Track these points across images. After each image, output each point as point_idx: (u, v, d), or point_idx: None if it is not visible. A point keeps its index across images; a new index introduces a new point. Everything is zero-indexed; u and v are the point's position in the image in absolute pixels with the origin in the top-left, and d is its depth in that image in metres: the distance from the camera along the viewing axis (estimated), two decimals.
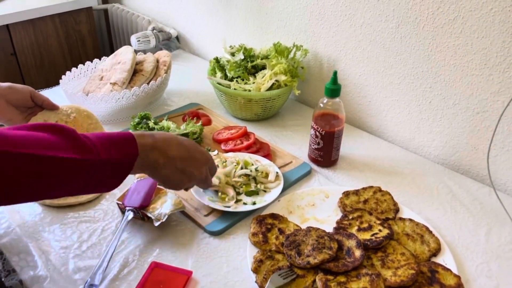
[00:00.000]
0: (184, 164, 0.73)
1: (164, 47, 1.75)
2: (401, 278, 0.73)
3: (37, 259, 0.80)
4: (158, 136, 0.70)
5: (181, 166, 0.73)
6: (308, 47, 1.26)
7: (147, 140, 0.67)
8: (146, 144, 0.67)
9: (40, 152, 0.55)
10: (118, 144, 0.63)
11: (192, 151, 0.75)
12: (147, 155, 0.67)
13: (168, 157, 0.70)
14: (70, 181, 0.59)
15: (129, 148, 0.64)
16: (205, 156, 0.78)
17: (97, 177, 0.62)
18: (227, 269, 0.79)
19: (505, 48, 0.89)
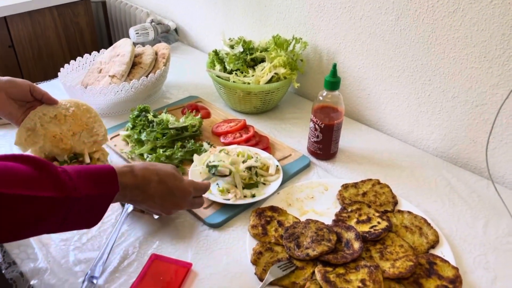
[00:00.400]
0: (162, 201, 0.73)
1: (163, 39, 1.74)
2: (400, 270, 0.74)
3: (37, 251, 0.80)
4: (139, 173, 0.70)
5: (159, 202, 0.73)
6: (307, 40, 1.26)
7: (128, 179, 0.67)
8: (127, 183, 0.67)
9: (18, 192, 0.54)
10: (98, 179, 0.63)
11: (172, 189, 0.74)
12: (125, 194, 0.67)
13: (147, 195, 0.71)
14: (48, 219, 0.58)
15: (109, 184, 0.64)
16: (184, 193, 0.76)
17: (76, 214, 0.60)
18: (227, 261, 0.79)
19: (505, 41, 0.89)
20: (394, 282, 0.74)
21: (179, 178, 0.76)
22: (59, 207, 0.58)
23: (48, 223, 0.58)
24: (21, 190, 0.54)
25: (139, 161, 1.03)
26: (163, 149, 1.02)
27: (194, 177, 0.94)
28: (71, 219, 0.60)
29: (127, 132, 1.10)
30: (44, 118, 0.97)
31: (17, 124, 0.91)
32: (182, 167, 1.00)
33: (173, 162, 0.99)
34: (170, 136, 1.05)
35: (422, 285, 0.73)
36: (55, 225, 0.59)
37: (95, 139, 1.00)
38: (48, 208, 0.57)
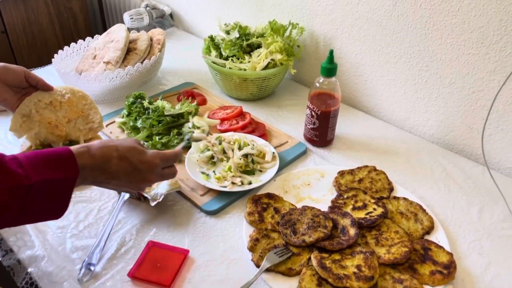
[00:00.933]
0: (128, 177, 0.69)
1: (158, 24, 1.72)
2: (395, 256, 0.75)
3: (34, 238, 0.81)
4: (97, 152, 0.65)
5: (125, 179, 0.69)
6: (304, 25, 1.24)
7: (85, 160, 0.63)
8: (85, 164, 0.63)
9: None
10: (54, 164, 0.59)
11: (136, 163, 0.69)
12: (85, 176, 0.64)
13: (110, 174, 0.67)
14: (4, 210, 0.55)
15: (67, 167, 0.60)
16: (150, 166, 0.71)
17: (33, 202, 0.57)
18: (224, 247, 0.80)
19: (502, 27, 0.88)
20: (389, 267, 0.74)
21: (141, 151, 0.70)
22: (13, 197, 0.55)
23: (6, 214, 0.56)
24: None
25: None
26: (159, 136, 1.02)
27: (191, 165, 0.94)
28: (30, 207, 0.57)
29: (122, 119, 1.09)
30: (39, 104, 0.96)
31: (12, 110, 0.90)
32: None
33: (169, 149, 0.99)
34: (166, 123, 1.05)
35: (416, 270, 0.74)
36: (14, 216, 0.56)
37: (90, 126, 1.00)
38: (1, 199, 0.54)
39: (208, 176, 0.92)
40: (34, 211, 0.58)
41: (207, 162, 0.96)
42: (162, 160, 0.73)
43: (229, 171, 0.92)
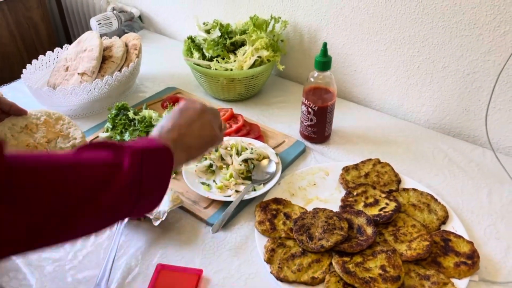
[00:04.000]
0: (201, 120, 0.67)
1: (127, 28, 1.63)
2: (417, 251, 0.72)
3: (30, 276, 0.73)
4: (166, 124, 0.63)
5: (200, 124, 0.66)
6: (286, 18, 1.20)
7: (165, 133, 0.62)
8: (168, 131, 0.62)
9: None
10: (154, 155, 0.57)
11: (193, 107, 0.67)
12: (177, 142, 0.61)
13: (188, 127, 0.64)
14: (124, 202, 0.52)
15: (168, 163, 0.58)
16: (203, 105, 0.69)
17: (147, 191, 0.54)
18: (238, 262, 0.75)
19: (495, 6, 0.87)
20: (412, 264, 0.72)
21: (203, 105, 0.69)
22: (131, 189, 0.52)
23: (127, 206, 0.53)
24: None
25: None
26: None
27: (189, 176, 0.89)
28: (143, 199, 0.54)
29: (107, 133, 1.02)
30: (14, 128, 0.89)
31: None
32: None
33: None
34: None
35: (440, 264, 0.72)
36: (130, 208, 0.53)
37: (73, 143, 0.93)
38: (123, 192, 0.51)
39: (209, 186, 0.87)
40: (145, 199, 0.55)
41: (205, 171, 0.91)
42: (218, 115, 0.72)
43: (230, 178, 0.88)
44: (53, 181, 0.46)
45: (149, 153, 0.55)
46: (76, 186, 0.48)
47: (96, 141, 0.55)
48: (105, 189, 0.49)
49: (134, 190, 0.52)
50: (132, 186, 0.52)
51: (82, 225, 0.49)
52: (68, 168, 0.48)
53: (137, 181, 0.52)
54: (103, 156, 0.52)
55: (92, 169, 0.50)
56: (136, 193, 0.53)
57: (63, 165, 0.48)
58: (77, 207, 0.47)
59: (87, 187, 0.48)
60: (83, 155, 0.51)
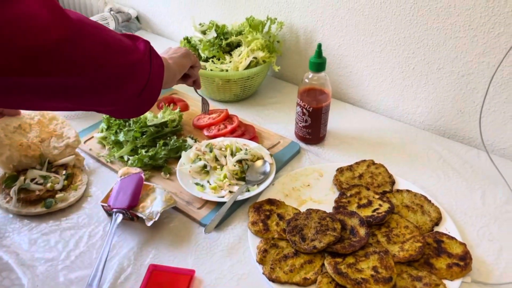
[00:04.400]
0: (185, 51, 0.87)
1: (124, 29, 1.63)
2: (410, 253, 0.72)
3: (22, 276, 0.73)
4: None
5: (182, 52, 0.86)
6: (282, 20, 1.20)
7: None
8: None
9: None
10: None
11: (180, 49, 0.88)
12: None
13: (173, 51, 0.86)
14: (136, 78, 0.65)
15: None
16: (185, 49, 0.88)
17: (152, 81, 0.68)
18: (231, 262, 0.75)
19: (489, 8, 0.87)
20: (405, 265, 0.72)
21: None
22: (146, 53, 0.66)
23: (139, 83, 0.66)
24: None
25: (119, 164, 0.95)
26: (144, 149, 0.96)
27: (183, 177, 0.88)
28: (149, 86, 0.67)
29: (102, 134, 1.02)
30: (7, 128, 0.90)
31: None
32: (168, 166, 0.94)
33: (157, 162, 0.93)
34: (150, 134, 0.99)
35: (433, 265, 0.72)
36: (140, 89, 0.66)
37: (66, 142, 0.94)
38: (142, 54, 0.65)
39: (203, 187, 0.87)
40: (152, 84, 0.68)
41: (199, 172, 0.91)
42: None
43: (224, 179, 0.88)
44: None
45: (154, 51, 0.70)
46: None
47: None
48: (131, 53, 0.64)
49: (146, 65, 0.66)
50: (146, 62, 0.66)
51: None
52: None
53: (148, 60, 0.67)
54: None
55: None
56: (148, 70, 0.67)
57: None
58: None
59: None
60: None
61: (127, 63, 0.62)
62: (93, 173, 0.95)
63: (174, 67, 0.81)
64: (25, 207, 0.84)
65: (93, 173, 0.95)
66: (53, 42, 0.52)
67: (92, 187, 0.92)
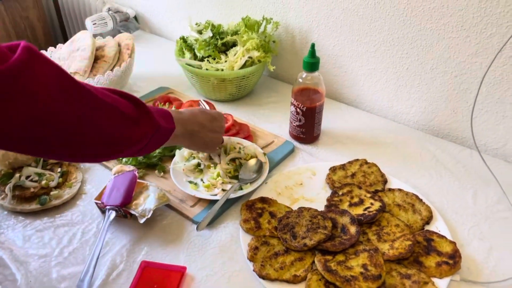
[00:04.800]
0: (211, 125, 0.84)
1: (122, 29, 1.64)
2: (399, 251, 0.73)
3: (15, 271, 0.74)
4: (186, 111, 0.81)
5: (210, 127, 0.84)
6: (278, 20, 1.21)
7: (179, 116, 0.77)
8: (182, 118, 0.78)
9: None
10: (164, 117, 0.73)
11: (211, 113, 0.86)
12: (185, 126, 0.78)
13: (198, 123, 0.81)
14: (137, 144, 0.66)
15: (170, 121, 0.74)
16: (220, 114, 0.88)
17: (152, 143, 0.69)
18: (222, 260, 0.76)
19: (482, 9, 0.88)
20: (394, 263, 0.73)
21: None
22: (149, 132, 0.68)
23: (138, 146, 0.67)
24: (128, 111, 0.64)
25: (114, 163, 0.96)
26: None
27: (177, 175, 0.89)
28: (148, 146, 0.69)
29: None
30: None
31: None
32: (162, 165, 0.94)
33: (151, 160, 0.94)
34: None
35: (422, 263, 0.72)
36: (139, 148, 0.67)
37: None
38: (143, 132, 0.66)
39: (197, 185, 0.88)
40: (147, 149, 0.70)
41: (193, 170, 0.92)
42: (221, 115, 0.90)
43: (218, 177, 0.88)
44: None
45: (161, 130, 0.71)
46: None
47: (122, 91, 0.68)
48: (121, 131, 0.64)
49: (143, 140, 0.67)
50: (142, 139, 0.67)
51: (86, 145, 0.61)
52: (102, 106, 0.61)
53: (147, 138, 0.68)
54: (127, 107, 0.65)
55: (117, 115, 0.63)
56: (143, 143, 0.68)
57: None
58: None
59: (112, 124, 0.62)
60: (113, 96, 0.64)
61: (119, 144, 0.64)
62: (89, 171, 0.96)
63: (183, 144, 0.83)
64: (20, 204, 0.85)
65: (88, 171, 0.96)
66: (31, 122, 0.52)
67: (87, 185, 0.92)
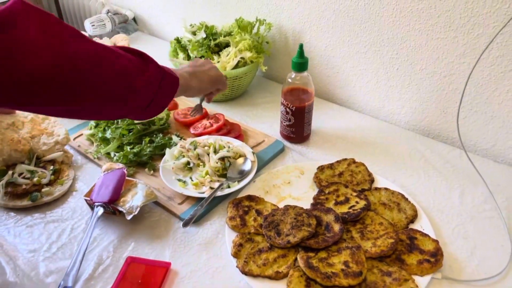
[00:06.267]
0: (206, 66, 0.86)
1: (121, 30, 1.67)
2: (381, 248, 0.73)
3: (5, 265, 0.76)
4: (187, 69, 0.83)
5: (208, 67, 0.86)
6: (271, 21, 1.22)
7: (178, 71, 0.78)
8: (179, 69, 0.81)
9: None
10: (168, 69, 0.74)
11: (208, 60, 0.90)
12: (185, 70, 0.81)
13: (198, 65, 0.85)
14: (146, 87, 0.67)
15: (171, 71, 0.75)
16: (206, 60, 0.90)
17: (162, 91, 0.70)
18: (207, 256, 0.77)
19: (468, 9, 0.88)
20: (376, 261, 0.73)
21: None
22: (156, 77, 0.69)
23: (146, 96, 0.67)
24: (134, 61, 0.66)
25: (106, 160, 0.98)
26: (130, 146, 0.98)
27: (166, 173, 0.91)
28: (158, 96, 0.69)
29: (90, 131, 1.04)
30: (0, 125, 0.93)
31: None
32: (152, 163, 0.96)
33: (142, 158, 0.95)
34: (137, 131, 1.01)
35: (404, 261, 0.73)
36: (148, 102, 0.68)
37: (56, 139, 0.97)
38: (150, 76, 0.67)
39: (185, 183, 0.89)
40: (159, 101, 0.71)
41: (183, 168, 0.93)
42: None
43: (206, 176, 0.89)
44: None
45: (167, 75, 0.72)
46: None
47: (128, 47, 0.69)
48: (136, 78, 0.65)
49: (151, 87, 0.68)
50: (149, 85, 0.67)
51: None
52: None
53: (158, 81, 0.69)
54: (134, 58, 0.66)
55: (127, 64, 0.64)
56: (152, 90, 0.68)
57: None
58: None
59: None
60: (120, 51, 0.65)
61: (129, 86, 0.64)
62: (81, 169, 0.98)
63: (194, 87, 0.82)
64: (12, 200, 0.87)
65: (80, 168, 0.98)
66: (46, 68, 0.52)
67: (78, 182, 0.94)
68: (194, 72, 0.82)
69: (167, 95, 0.73)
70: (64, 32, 0.56)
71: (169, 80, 0.72)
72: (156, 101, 0.70)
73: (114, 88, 0.63)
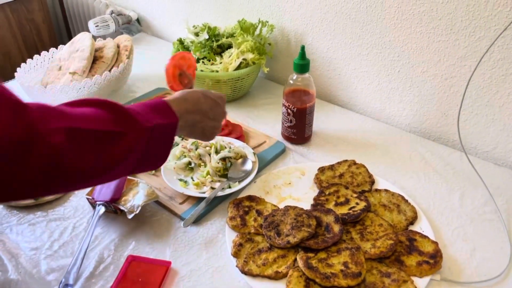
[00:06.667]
0: (213, 112, 0.75)
1: (125, 31, 1.67)
2: (381, 249, 0.74)
3: (7, 262, 0.77)
4: (189, 97, 0.71)
5: (212, 115, 0.75)
6: (274, 23, 1.23)
7: (180, 105, 0.68)
8: (181, 109, 0.67)
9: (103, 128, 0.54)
10: (159, 111, 0.63)
11: (213, 98, 0.77)
12: (186, 119, 0.69)
13: (202, 112, 0.73)
14: (130, 155, 0.57)
15: (169, 114, 0.64)
16: (221, 99, 0.80)
17: (152, 147, 0.61)
18: (207, 255, 0.77)
19: (470, 12, 0.89)
20: (375, 262, 0.74)
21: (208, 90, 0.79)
22: (138, 141, 0.58)
23: (131, 159, 0.58)
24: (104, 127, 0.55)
25: None
26: None
27: (168, 173, 0.91)
28: (150, 152, 0.61)
29: None
30: None
31: None
32: None
33: None
34: None
35: (403, 262, 0.73)
36: (135, 163, 0.59)
37: None
38: (129, 143, 0.57)
39: (186, 183, 0.90)
40: (150, 157, 0.62)
41: (184, 168, 0.94)
42: (223, 98, 0.81)
43: (207, 176, 0.90)
44: None
45: (158, 129, 0.61)
46: None
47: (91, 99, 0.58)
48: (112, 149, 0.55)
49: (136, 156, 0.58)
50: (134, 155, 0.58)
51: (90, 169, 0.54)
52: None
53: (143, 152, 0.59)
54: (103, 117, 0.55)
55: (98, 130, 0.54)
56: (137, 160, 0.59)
57: None
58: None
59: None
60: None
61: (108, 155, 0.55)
62: None
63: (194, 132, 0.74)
64: None
65: None
66: (9, 145, 0.44)
67: None
68: (194, 125, 0.73)
69: (162, 147, 0.64)
70: (27, 106, 0.48)
71: (162, 130, 0.62)
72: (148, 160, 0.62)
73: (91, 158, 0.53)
